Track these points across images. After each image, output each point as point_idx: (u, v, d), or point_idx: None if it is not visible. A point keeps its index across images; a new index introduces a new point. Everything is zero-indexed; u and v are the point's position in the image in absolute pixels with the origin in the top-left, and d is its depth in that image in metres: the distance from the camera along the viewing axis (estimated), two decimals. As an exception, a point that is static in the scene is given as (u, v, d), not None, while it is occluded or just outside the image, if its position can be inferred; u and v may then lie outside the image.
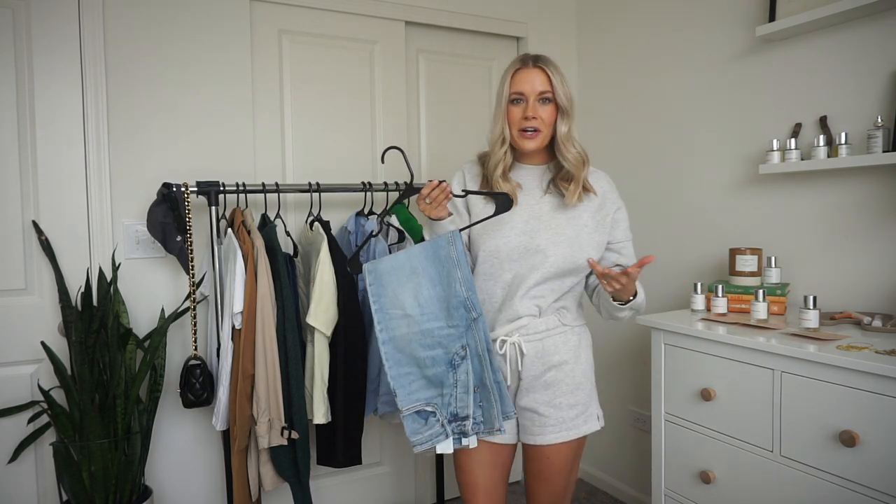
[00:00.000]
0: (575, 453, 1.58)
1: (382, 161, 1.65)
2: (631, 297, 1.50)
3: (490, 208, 1.53)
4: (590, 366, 1.61)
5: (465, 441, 1.45)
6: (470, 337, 1.44)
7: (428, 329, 1.45)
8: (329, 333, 1.97)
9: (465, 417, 1.44)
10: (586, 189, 1.54)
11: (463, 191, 1.55)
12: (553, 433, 1.54)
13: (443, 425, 1.46)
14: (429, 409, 1.46)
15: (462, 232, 1.52)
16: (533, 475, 1.60)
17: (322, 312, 1.95)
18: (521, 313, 1.53)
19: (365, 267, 1.49)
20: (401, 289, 1.47)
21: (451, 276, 1.45)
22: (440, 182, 1.47)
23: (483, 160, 1.61)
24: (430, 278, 1.47)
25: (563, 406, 1.54)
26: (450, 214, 1.54)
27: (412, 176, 1.61)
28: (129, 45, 2.08)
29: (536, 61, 1.52)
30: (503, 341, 1.54)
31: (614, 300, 1.50)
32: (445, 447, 1.45)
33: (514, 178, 1.57)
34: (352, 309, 2.03)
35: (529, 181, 1.58)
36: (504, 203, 1.49)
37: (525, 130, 1.51)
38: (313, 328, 1.97)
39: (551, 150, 1.58)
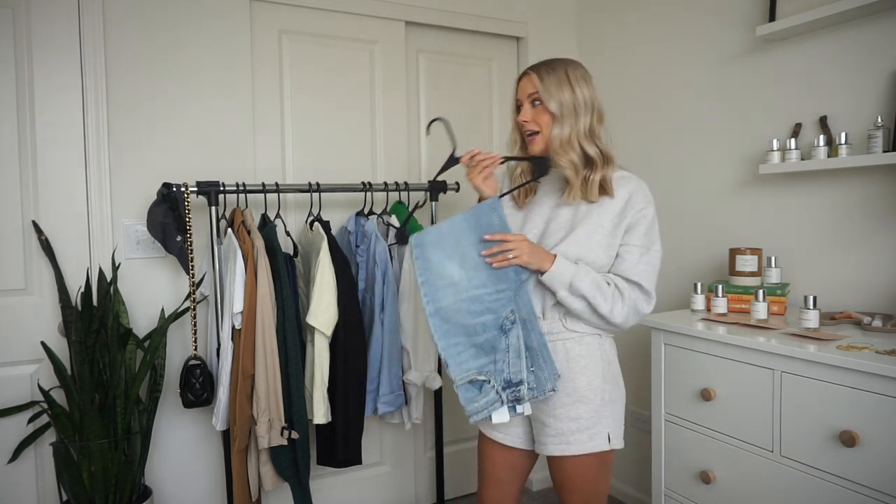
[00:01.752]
0: (591, 468, 1.49)
1: (428, 133, 1.70)
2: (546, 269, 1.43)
3: (516, 215, 1.58)
4: (602, 380, 1.49)
5: (518, 408, 1.45)
6: (516, 301, 1.45)
7: (477, 295, 1.45)
8: (329, 333, 1.97)
9: (520, 382, 1.43)
10: (605, 190, 1.50)
11: (503, 158, 1.57)
12: (553, 444, 1.49)
13: (497, 392, 1.44)
14: (481, 377, 1.45)
15: None
16: (554, 484, 1.57)
17: (322, 312, 1.95)
18: None
19: (411, 240, 1.51)
20: (447, 258, 1.47)
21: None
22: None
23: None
24: (474, 245, 1.47)
25: (563, 417, 1.47)
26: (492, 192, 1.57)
27: (455, 146, 1.61)
28: (128, 44, 2.08)
29: (531, 68, 1.55)
30: None
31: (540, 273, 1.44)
32: (501, 415, 1.44)
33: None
34: (352, 309, 2.03)
35: (550, 184, 1.58)
36: (541, 166, 1.53)
37: (527, 133, 1.54)
38: (313, 328, 1.98)
39: None
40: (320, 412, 1.98)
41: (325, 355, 1.99)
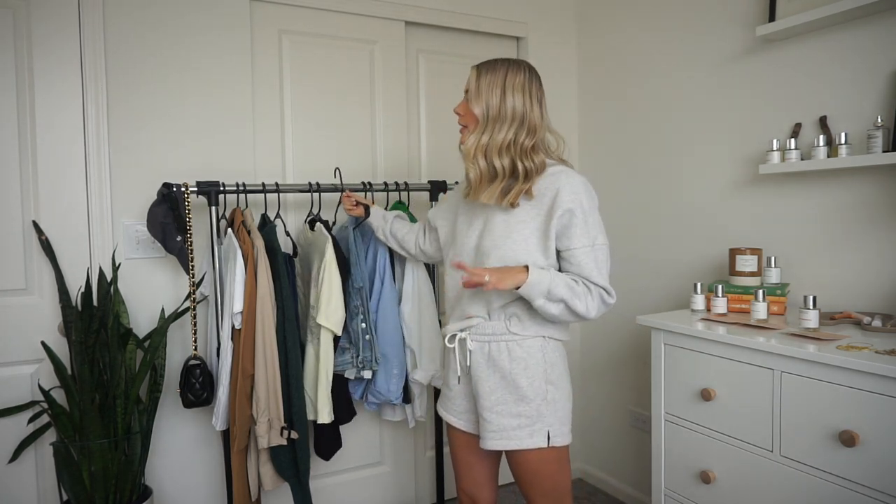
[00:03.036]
0: (546, 461, 1.53)
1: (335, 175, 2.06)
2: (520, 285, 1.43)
3: (466, 215, 1.64)
4: (543, 381, 1.53)
5: (362, 373, 2.07)
6: (360, 300, 2.07)
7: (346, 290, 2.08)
8: (340, 332, 2.00)
9: (358, 356, 2.06)
10: (527, 192, 1.49)
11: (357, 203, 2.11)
12: (493, 439, 1.53)
13: (352, 358, 2.07)
14: (346, 345, 2.08)
15: (442, 228, 1.76)
16: (514, 478, 1.62)
17: (332, 313, 1.96)
18: (471, 312, 1.57)
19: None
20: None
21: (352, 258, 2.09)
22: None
23: None
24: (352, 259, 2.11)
25: (505, 414, 1.52)
26: (362, 215, 2.08)
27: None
28: (129, 44, 2.08)
29: (479, 63, 1.59)
30: (453, 336, 1.59)
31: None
32: (350, 374, 2.08)
33: None
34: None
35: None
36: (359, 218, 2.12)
37: (460, 126, 1.59)
38: (318, 328, 1.98)
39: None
40: (325, 411, 1.99)
41: (331, 355, 2.00)
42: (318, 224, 2.09)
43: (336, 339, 2.03)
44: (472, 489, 1.71)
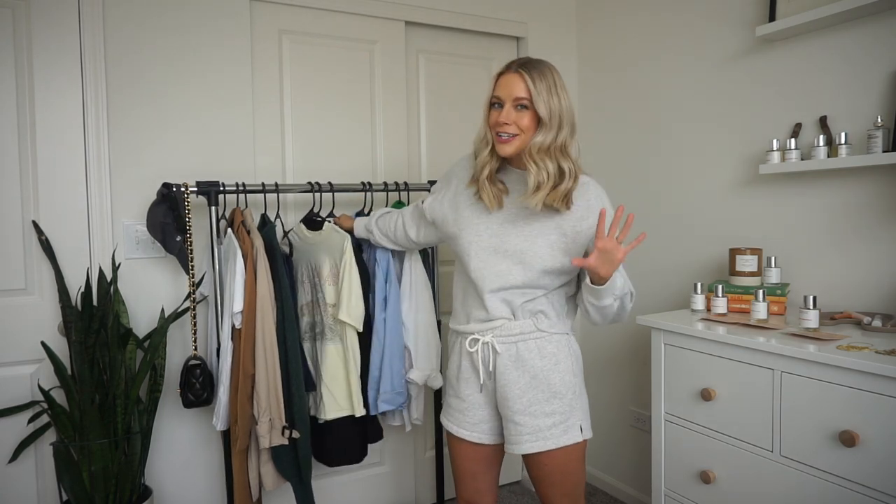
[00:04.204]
0: (571, 458, 1.55)
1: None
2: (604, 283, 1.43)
3: (473, 208, 1.59)
4: (572, 375, 1.55)
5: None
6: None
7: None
8: (361, 328, 2.02)
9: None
10: (566, 203, 1.48)
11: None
12: (529, 442, 1.51)
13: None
14: None
15: (442, 224, 1.67)
16: (535, 481, 1.60)
17: (353, 308, 1.98)
18: (495, 314, 1.54)
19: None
20: None
21: None
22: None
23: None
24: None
25: (539, 414, 1.51)
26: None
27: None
28: (129, 44, 2.08)
29: (520, 66, 1.47)
30: (475, 340, 1.56)
31: (592, 283, 1.44)
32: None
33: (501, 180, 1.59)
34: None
35: (512, 185, 1.58)
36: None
37: (500, 135, 1.49)
38: (339, 326, 2.01)
39: None
40: (360, 405, 2.03)
41: (358, 349, 2.04)
42: (327, 224, 2.09)
43: (358, 333, 2.05)
44: (475, 497, 1.69)
